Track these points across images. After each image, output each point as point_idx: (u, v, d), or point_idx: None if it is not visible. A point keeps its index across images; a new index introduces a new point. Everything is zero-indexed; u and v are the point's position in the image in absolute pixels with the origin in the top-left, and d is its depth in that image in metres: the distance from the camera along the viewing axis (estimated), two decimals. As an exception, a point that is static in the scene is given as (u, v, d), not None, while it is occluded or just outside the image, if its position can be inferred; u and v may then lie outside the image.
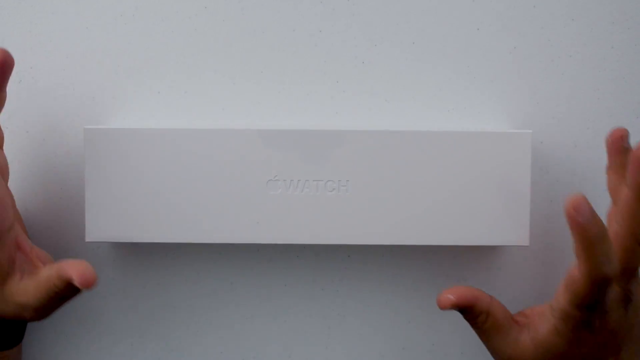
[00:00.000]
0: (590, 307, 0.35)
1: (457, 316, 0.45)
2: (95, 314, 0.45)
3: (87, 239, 0.40)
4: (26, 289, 0.35)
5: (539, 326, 0.38)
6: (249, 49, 0.43)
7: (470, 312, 0.39)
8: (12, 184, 0.42)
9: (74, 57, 0.44)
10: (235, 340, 0.45)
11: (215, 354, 0.45)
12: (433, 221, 0.40)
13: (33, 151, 0.43)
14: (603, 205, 0.39)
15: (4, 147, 0.41)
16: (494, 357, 0.40)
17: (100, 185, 0.39)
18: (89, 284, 0.34)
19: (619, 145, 0.37)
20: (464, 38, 0.43)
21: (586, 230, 0.32)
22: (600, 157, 0.44)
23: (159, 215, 0.40)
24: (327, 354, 0.45)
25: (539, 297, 0.44)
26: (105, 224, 0.40)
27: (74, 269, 0.34)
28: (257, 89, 0.44)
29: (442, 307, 0.39)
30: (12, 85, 0.44)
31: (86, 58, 0.44)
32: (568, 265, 0.36)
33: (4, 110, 0.44)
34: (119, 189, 0.39)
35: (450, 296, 0.38)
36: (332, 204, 0.39)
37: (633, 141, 0.44)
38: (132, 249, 0.44)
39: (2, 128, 0.44)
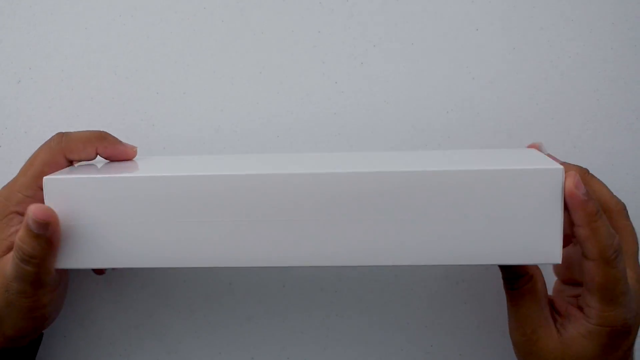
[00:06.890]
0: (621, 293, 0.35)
1: (455, 318, 0.45)
2: (93, 315, 0.45)
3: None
4: (6, 265, 0.36)
5: (569, 327, 0.37)
6: (248, 49, 0.43)
7: (515, 271, 0.37)
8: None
9: (73, 57, 0.44)
10: (234, 341, 0.45)
11: (213, 354, 0.45)
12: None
13: (32, 151, 0.43)
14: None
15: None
16: (513, 333, 0.38)
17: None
18: (44, 216, 0.34)
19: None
20: (463, 39, 0.43)
21: (587, 204, 0.34)
22: (600, 158, 0.44)
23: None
24: (326, 355, 0.45)
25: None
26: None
27: (29, 211, 0.34)
28: (255, 90, 0.44)
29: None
30: (11, 86, 0.44)
31: (85, 59, 0.44)
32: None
33: (3, 110, 0.44)
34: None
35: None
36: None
37: (631, 143, 0.44)
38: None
39: (1, 128, 0.44)
